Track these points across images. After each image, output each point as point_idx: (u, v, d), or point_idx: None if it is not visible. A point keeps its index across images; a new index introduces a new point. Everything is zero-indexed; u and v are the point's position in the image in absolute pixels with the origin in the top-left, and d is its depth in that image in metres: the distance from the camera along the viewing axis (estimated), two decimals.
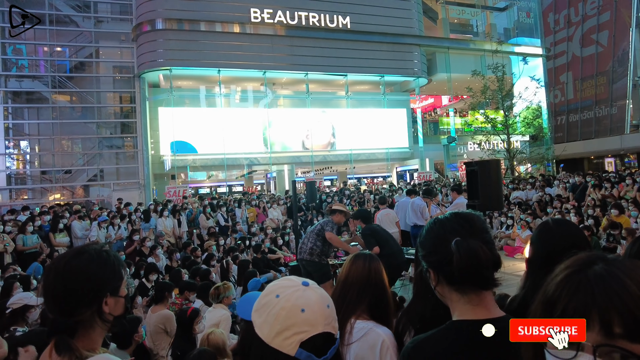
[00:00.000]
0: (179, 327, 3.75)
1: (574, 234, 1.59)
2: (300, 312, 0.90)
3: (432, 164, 21.72)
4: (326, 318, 0.92)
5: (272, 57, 18.67)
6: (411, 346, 1.12)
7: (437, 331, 1.11)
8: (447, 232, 1.12)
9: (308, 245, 5.39)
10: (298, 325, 0.90)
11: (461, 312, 1.11)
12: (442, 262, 1.10)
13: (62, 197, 18.17)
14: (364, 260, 1.81)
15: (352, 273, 1.78)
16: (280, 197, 14.56)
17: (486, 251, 1.06)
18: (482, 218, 1.17)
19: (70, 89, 18.18)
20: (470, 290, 1.10)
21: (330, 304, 0.96)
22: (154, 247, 7.99)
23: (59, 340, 1.13)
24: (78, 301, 1.16)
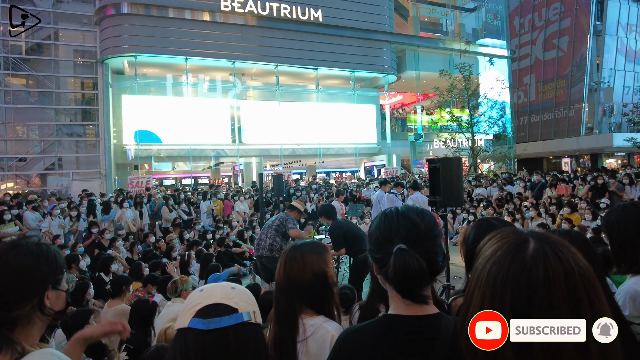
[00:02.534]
0: (135, 318, 3.62)
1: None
2: (199, 291, 1.00)
3: (399, 160, 22.07)
4: (224, 294, 0.97)
5: (242, 47, 18.37)
6: (344, 335, 1.14)
7: (370, 323, 1.14)
8: (392, 233, 1.11)
9: (267, 242, 5.29)
10: (194, 300, 0.97)
11: (396, 307, 1.12)
12: (382, 262, 1.11)
13: (15, 185, 17.28)
14: (301, 253, 1.71)
15: (290, 270, 1.69)
16: (248, 190, 14.41)
17: (422, 267, 1.05)
18: (431, 221, 1.15)
19: (25, 71, 17.24)
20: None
21: (238, 288, 1.01)
22: (113, 239, 7.74)
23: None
24: (18, 295, 1.11)
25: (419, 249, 1.07)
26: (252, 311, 0.98)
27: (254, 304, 1.01)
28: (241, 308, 0.96)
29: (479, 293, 0.71)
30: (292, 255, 1.71)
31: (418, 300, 1.09)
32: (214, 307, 0.94)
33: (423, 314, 1.10)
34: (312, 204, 12.98)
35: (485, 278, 0.70)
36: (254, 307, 1.00)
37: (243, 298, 0.99)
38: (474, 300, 0.72)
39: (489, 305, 0.69)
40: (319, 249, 1.76)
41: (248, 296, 1.01)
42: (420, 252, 1.07)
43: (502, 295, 0.67)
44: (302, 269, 1.67)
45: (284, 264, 1.70)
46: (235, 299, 0.97)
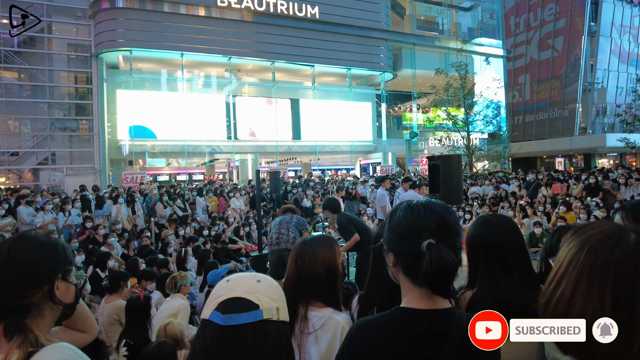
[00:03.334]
0: (130, 316, 3.59)
1: (516, 228, 1.66)
2: (225, 282, 0.97)
3: (394, 158, 22.11)
4: (248, 287, 0.94)
5: (238, 43, 18.27)
6: (356, 327, 1.13)
7: (383, 315, 1.13)
8: (421, 227, 1.09)
9: (290, 235, 5.24)
10: (218, 291, 0.95)
11: (410, 300, 1.11)
12: (407, 256, 1.10)
13: (7, 180, 17.06)
14: (312, 247, 1.74)
15: (301, 265, 1.71)
16: (244, 187, 14.35)
17: (455, 262, 1.05)
18: (456, 217, 1.15)
19: (18, 65, 17.00)
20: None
21: (265, 281, 0.98)
22: (106, 235, 7.66)
23: (9, 323, 1.04)
24: (28, 282, 1.09)
25: (447, 244, 1.06)
26: (276, 308, 0.94)
27: (280, 299, 0.97)
28: (263, 304, 0.93)
29: (571, 279, 0.70)
30: (304, 250, 1.73)
31: (447, 295, 1.10)
32: (235, 301, 0.92)
33: (437, 307, 1.09)
34: (307, 200, 12.96)
35: (581, 264, 0.70)
36: (278, 302, 0.96)
37: (267, 293, 0.95)
38: (564, 287, 0.71)
39: (584, 291, 0.68)
40: (330, 242, 1.79)
41: (274, 290, 0.97)
42: (448, 247, 1.06)
43: (602, 280, 0.67)
44: (313, 262, 1.69)
45: (296, 258, 1.73)
46: (259, 294, 0.94)
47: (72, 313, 1.25)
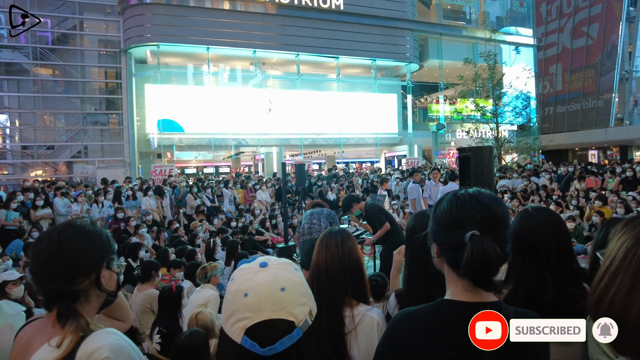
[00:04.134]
0: (163, 305, 3.67)
1: (555, 223, 1.56)
2: (243, 296, 0.85)
3: (420, 150, 21.80)
4: (275, 303, 0.84)
5: (263, 36, 18.33)
6: (397, 318, 1.11)
7: (426, 307, 1.10)
8: (465, 218, 1.05)
9: (322, 226, 5.21)
10: (240, 311, 0.84)
11: (454, 292, 1.09)
12: (450, 247, 1.07)
13: (44, 173, 17.73)
14: (336, 241, 1.73)
15: (329, 258, 1.70)
16: (269, 179, 14.47)
17: (499, 254, 1.01)
18: (505, 209, 1.09)
19: (52, 61, 17.57)
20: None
21: (288, 287, 0.87)
22: (137, 226, 7.86)
23: (62, 308, 1.07)
24: (77, 269, 1.13)
25: (493, 236, 1.02)
26: (309, 311, 0.88)
27: (309, 298, 0.90)
28: (297, 317, 0.85)
29: (627, 276, 0.67)
30: (329, 243, 1.73)
31: (490, 288, 1.05)
32: (267, 326, 0.83)
33: (482, 300, 1.06)
34: (332, 193, 12.94)
35: (638, 259, 0.66)
36: (309, 304, 0.89)
37: (296, 300, 0.87)
38: (619, 284, 0.67)
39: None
40: (352, 236, 1.79)
41: (301, 293, 0.89)
42: (494, 240, 1.01)
43: None
44: (342, 256, 1.69)
45: (326, 252, 1.72)
46: (289, 307, 0.85)
47: (114, 300, 1.28)
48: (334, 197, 12.72)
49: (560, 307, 1.36)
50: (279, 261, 0.92)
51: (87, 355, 1.00)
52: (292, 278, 0.89)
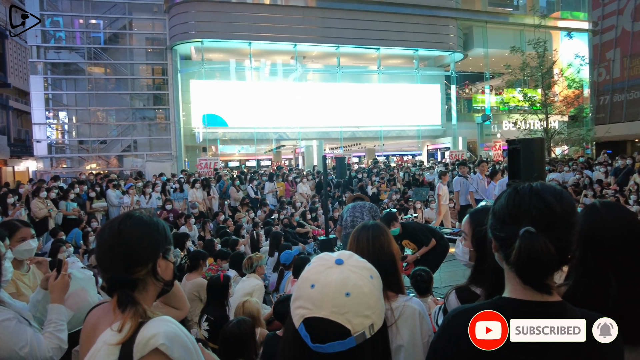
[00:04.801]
0: (211, 294, 3.81)
1: (626, 219, 1.37)
2: (310, 287, 0.87)
3: (464, 142, 21.16)
4: (336, 305, 0.84)
5: (303, 30, 18.38)
6: (453, 315, 1.08)
7: (483, 304, 1.07)
8: (521, 213, 1.01)
9: (365, 219, 5.22)
10: (304, 299, 0.87)
11: (513, 290, 1.04)
12: (504, 242, 1.03)
13: (97, 166, 18.75)
14: (368, 235, 1.73)
15: (359, 252, 1.70)
16: (310, 172, 14.57)
17: (551, 253, 0.95)
18: (569, 206, 1.01)
19: (104, 60, 18.48)
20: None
21: (354, 295, 0.85)
22: (187, 216, 8.17)
23: (122, 295, 1.14)
24: (135, 259, 1.19)
25: (550, 234, 0.96)
26: (370, 324, 0.86)
27: (374, 311, 0.88)
28: (355, 328, 0.84)
29: None
30: (361, 237, 1.74)
31: (540, 289, 1.00)
32: (323, 323, 0.84)
33: (544, 300, 1.01)
34: (373, 187, 12.86)
35: None
36: (372, 317, 0.87)
37: (358, 310, 0.85)
38: None
39: None
40: (386, 230, 1.80)
41: (366, 305, 0.87)
42: (551, 238, 0.96)
43: None
44: (373, 250, 1.69)
45: (357, 245, 1.73)
46: (349, 314, 0.84)
47: (170, 289, 1.34)
48: (375, 190, 12.63)
49: (623, 311, 1.27)
50: (357, 263, 0.91)
51: (145, 341, 1.06)
52: (361, 286, 0.87)
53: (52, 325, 1.80)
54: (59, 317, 1.83)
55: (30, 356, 1.67)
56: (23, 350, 1.66)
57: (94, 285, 2.38)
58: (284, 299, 3.07)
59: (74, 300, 1.99)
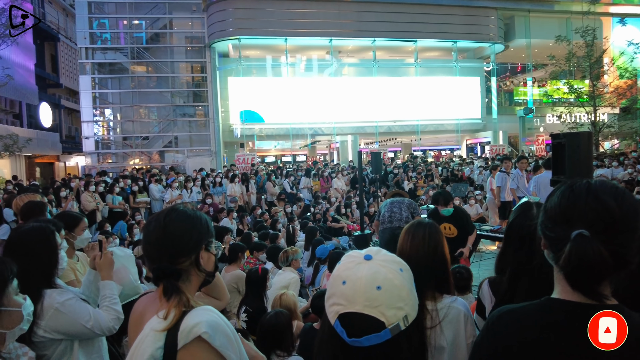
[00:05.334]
0: (250, 286, 3.90)
1: None
2: (341, 283, 0.89)
3: (505, 136, 20.46)
4: (368, 299, 0.86)
5: (339, 24, 18.31)
6: (497, 314, 1.04)
7: (529, 305, 1.02)
8: (575, 215, 0.94)
9: (403, 215, 5.22)
10: (337, 296, 0.89)
11: (563, 291, 0.99)
12: (554, 243, 0.98)
13: (140, 161, 19.54)
14: (424, 233, 1.72)
15: (414, 248, 1.70)
16: (345, 168, 14.55)
17: (604, 261, 0.88)
18: (631, 208, 0.92)
19: (146, 59, 19.17)
20: None
21: (385, 288, 0.87)
22: (229, 210, 8.41)
23: (167, 284, 1.21)
24: (179, 251, 1.24)
25: (606, 239, 0.89)
26: (403, 316, 0.87)
27: (407, 303, 0.89)
28: (389, 320, 0.86)
29: None
30: (417, 233, 1.73)
31: (589, 296, 0.94)
32: (358, 318, 0.86)
33: (596, 303, 0.94)
34: (410, 182, 12.68)
35: None
36: (405, 309, 0.88)
37: (391, 302, 0.87)
38: None
39: None
40: (440, 230, 1.78)
41: (399, 297, 0.88)
42: (606, 244, 0.89)
43: None
44: (427, 248, 1.69)
45: (411, 241, 1.72)
46: (382, 307, 0.86)
47: (211, 280, 1.39)
48: (412, 186, 12.45)
49: None
50: (385, 258, 0.92)
51: (188, 329, 1.11)
52: (392, 279, 0.89)
53: (107, 300, 1.96)
54: (111, 292, 2.00)
55: (95, 328, 1.85)
56: (89, 324, 1.83)
57: (134, 263, 2.52)
58: (321, 294, 3.10)
59: (116, 277, 2.13)
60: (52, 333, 1.77)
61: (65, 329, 1.80)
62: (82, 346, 1.91)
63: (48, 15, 22.56)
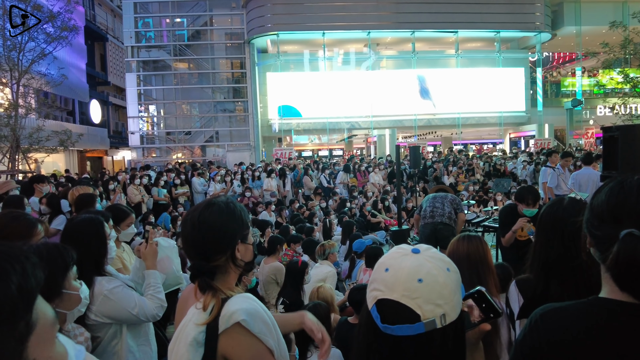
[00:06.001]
0: (288, 278, 3.96)
1: None
2: (384, 270, 0.90)
3: (551, 129, 19.55)
4: (407, 289, 0.85)
5: (377, 16, 18.08)
6: (541, 313, 1.01)
7: (576, 303, 0.98)
8: (625, 213, 0.90)
9: (445, 210, 5.15)
10: (378, 282, 0.90)
11: (611, 291, 0.94)
12: (601, 242, 0.94)
13: (183, 156, 20.22)
14: (469, 240, 1.87)
15: (459, 253, 1.78)
16: (382, 162, 14.42)
17: None
18: None
19: (188, 56, 19.74)
20: None
21: (427, 282, 0.85)
22: (268, 203, 8.57)
23: (201, 281, 1.27)
24: (213, 249, 1.28)
25: None
26: (441, 315, 0.85)
27: (447, 302, 0.87)
28: (425, 314, 0.84)
29: None
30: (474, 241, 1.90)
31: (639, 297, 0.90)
32: (394, 306, 0.85)
33: None
34: (450, 177, 12.41)
35: None
36: (445, 308, 0.86)
37: (429, 297, 0.85)
38: None
39: None
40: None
41: (439, 294, 0.86)
42: None
43: None
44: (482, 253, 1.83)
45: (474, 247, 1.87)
46: (420, 300, 0.85)
47: (250, 270, 1.43)
48: (452, 181, 12.17)
49: None
50: (434, 255, 0.92)
51: (228, 315, 1.17)
52: (436, 275, 0.87)
53: (152, 288, 2.09)
54: (155, 280, 2.12)
55: (140, 315, 1.98)
56: (134, 311, 1.95)
57: (177, 253, 2.63)
58: (359, 287, 3.12)
59: (160, 267, 2.25)
60: (102, 317, 1.90)
61: (113, 314, 1.92)
62: (130, 330, 2.03)
63: (98, 17, 23.69)
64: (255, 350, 1.19)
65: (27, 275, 0.49)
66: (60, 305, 1.51)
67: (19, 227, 1.96)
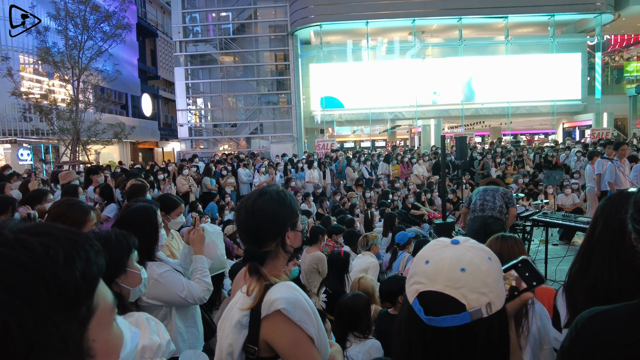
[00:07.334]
0: (331, 267, 4.00)
1: None
2: (424, 263, 0.88)
3: (611, 119, 18.26)
4: (451, 280, 0.83)
5: (422, 3, 17.59)
6: (588, 316, 0.97)
7: (624, 305, 0.94)
8: None
9: (496, 204, 5.02)
10: (418, 275, 0.88)
11: None
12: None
13: (229, 147, 20.77)
14: (502, 240, 1.92)
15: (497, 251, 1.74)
16: (426, 153, 14.12)
17: None
18: None
19: (233, 49, 20.16)
20: None
21: (470, 270, 0.84)
22: (306, 194, 8.65)
23: (251, 265, 1.36)
24: (265, 235, 1.35)
25: None
26: (486, 303, 0.84)
27: (492, 288, 0.85)
28: (470, 303, 0.83)
29: None
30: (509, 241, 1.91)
31: None
32: (436, 296, 0.84)
33: None
34: (497, 169, 11.96)
35: None
36: (490, 296, 0.84)
37: (474, 286, 0.83)
38: None
39: None
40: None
41: (483, 282, 0.84)
42: None
43: None
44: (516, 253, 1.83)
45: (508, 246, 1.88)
46: (464, 289, 0.83)
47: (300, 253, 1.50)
48: (500, 173, 11.73)
49: None
50: (474, 245, 0.91)
51: (269, 303, 1.24)
52: (478, 264, 0.86)
53: (199, 273, 2.21)
54: (202, 265, 2.24)
55: (188, 298, 2.10)
56: (182, 294, 2.08)
57: (222, 239, 2.75)
58: (388, 280, 3.11)
59: (206, 252, 2.36)
60: (153, 300, 2.03)
61: (163, 297, 2.05)
62: (178, 312, 2.17)
63: (149, 14, 24.68)
64: (295, 336, 1.24)
65: (90, 262, 0.53)
66: (125, 281, 1.64)
67: (75, 213, 2.13)
